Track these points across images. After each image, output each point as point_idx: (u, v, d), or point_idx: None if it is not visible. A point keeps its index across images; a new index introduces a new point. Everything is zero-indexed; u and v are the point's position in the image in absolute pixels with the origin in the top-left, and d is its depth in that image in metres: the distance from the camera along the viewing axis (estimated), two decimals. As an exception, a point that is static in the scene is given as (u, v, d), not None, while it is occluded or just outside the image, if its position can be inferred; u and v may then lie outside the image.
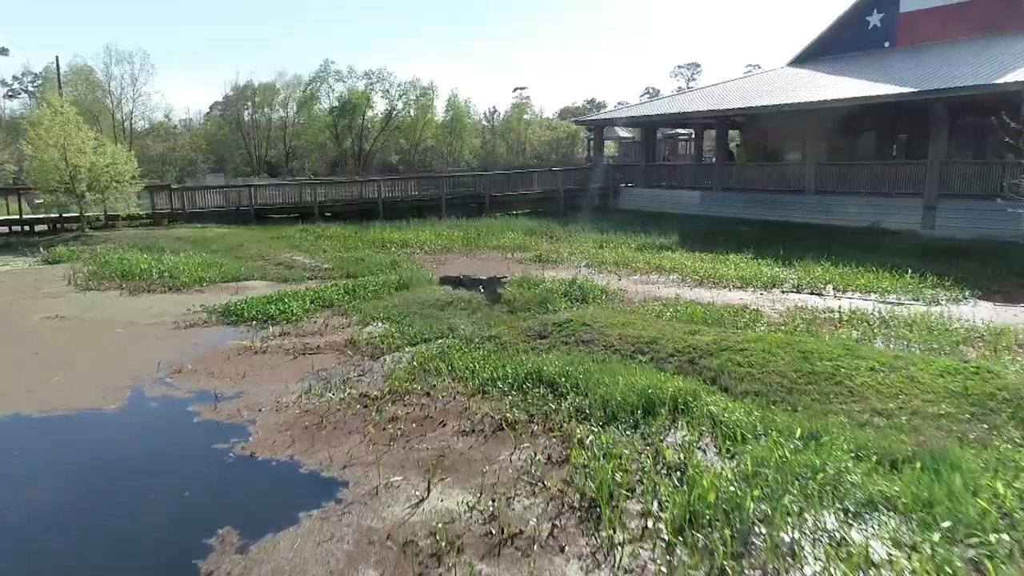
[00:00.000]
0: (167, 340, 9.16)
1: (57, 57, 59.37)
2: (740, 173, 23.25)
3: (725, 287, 12.27)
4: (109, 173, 20.24)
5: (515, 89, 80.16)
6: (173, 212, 23.24)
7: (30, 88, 62.24)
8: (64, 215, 21.89)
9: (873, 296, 11.28)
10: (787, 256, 14.65)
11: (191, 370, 7.76)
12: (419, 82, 59.90)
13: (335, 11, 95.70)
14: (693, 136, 34.74)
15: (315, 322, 9.97)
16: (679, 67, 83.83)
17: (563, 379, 6.72)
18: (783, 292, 11.80)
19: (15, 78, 63.14)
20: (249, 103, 62.19)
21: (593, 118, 28.60)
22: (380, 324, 9.70)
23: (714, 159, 25.67)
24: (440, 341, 8.68)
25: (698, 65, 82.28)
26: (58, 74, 46.14)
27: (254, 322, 10.02)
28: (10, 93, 63.20)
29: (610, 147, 33.62)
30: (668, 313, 9.57)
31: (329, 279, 13.57)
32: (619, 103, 66.63)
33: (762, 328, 8.78)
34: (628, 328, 8.27)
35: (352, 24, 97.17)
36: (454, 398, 6.69)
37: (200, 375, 7.61)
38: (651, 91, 77.92)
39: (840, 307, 9.98)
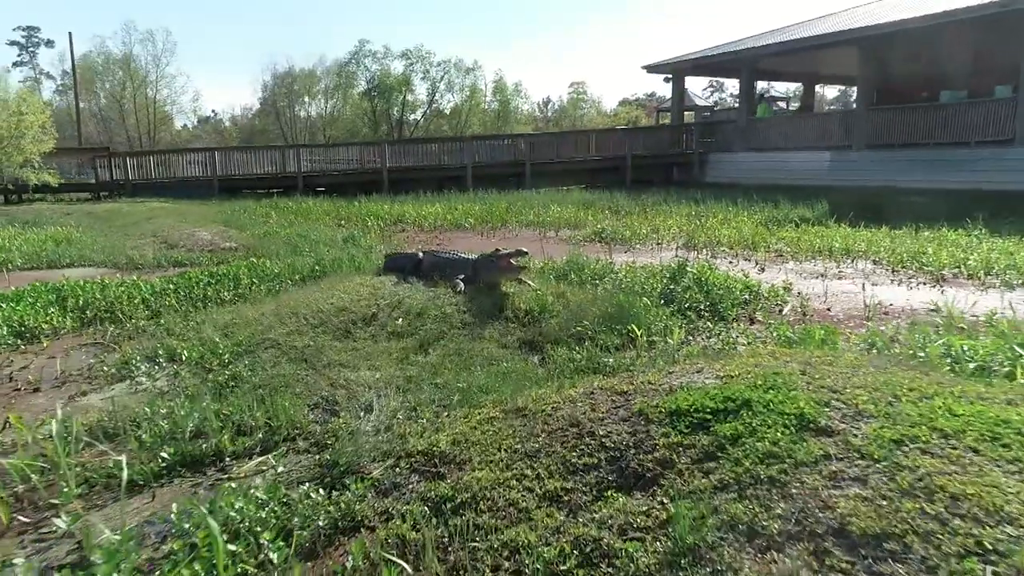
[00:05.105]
0: None
1: (71, 33, 55.34)
2: (899, 121, 15.74)
3: (1004, 287, 5.60)
4: (4, 127, 14.72)
5: (572, 84, 73.64)
6: (115, 183, 17.72)
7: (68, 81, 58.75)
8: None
9: None
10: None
11: None
12: (462, 63, 53.81)
13: (372, 10, 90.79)
14: (796, 95, 27.39)
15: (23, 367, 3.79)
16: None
17: None
18: None
19: (64, 73, 59.78)
20: (287, 91, 57.45)
21: (674, 61, 21.52)
22: (168, 379, 3.45)
23: (853, 106, 18.11)
24: (260, 464, 2.35)
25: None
26: (71, 49, 41.27)
27: None
28: (60, 88, 59.53)
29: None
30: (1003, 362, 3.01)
31: (218, 263, 7.49)
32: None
33: None
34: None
35: (387, 24, 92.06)
36: None
37: None
38: (715, 84, 68.73)
39: None
